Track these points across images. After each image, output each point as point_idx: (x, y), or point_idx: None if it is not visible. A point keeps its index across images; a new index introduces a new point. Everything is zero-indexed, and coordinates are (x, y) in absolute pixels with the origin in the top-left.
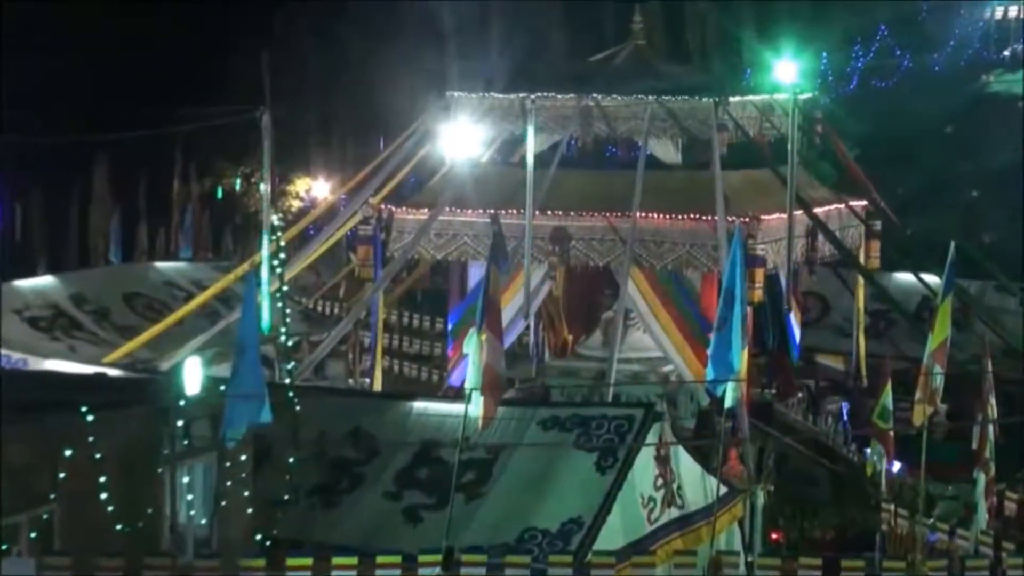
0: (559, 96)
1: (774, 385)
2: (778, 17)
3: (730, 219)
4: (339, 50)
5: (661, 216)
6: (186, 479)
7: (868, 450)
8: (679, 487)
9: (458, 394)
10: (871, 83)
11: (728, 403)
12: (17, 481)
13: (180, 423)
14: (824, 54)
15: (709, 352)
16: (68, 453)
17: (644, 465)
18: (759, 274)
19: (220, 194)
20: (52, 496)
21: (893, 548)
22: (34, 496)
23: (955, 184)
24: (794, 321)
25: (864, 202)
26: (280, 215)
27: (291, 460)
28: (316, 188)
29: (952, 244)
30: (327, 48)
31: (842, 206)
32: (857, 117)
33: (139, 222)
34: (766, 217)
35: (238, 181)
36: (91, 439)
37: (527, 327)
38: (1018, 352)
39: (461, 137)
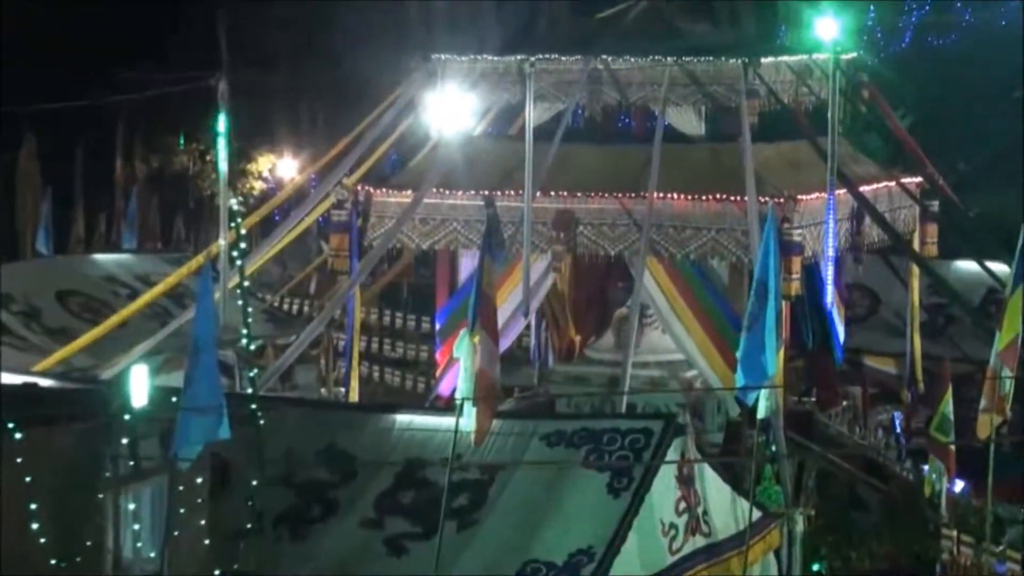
0: (563, 58)
1: (814, 392)
2: None
3: (762, 200)
4: (308, 6)
5: (682, 197)
6: (132, 506)
7: (926, 467)
8: (705, 512)
9: (448, 405)
10: (926, 40)
11: (761, 413)
12: None
13: (124, 441)
14: (871, 7)
15: (739, 354)
16: None
17: (664, 486)
18: (796, 263)
19: (169, 175)
20: None
21: None
22: None
23: None
24: (837, 318)
25: (919, 179)
26: (240, 199)
27: (254, 483)
28: (282, 167)
29: (1023, 226)
30: (294, 4)
31: (893, 183)
32: (910, 80)
33: (74, 207)
34: (804, 197)
35: (191, 160)
36: (20, 460)
37: (527, 327)
38: None
39: (450, 107)
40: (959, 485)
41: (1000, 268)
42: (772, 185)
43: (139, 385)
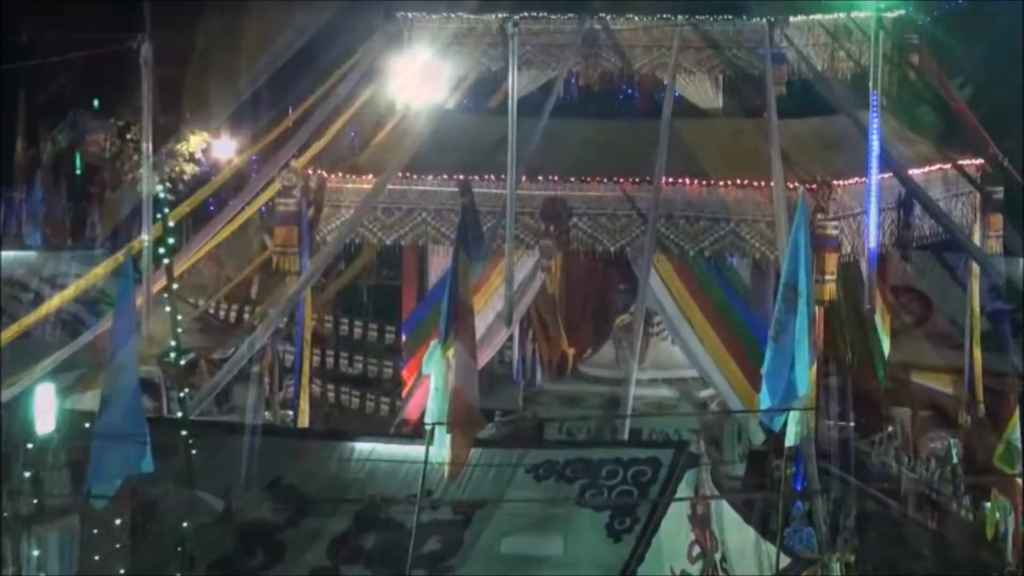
0: (553, 17)
1: (853, 416)
2: None
3: (791, 185)
4: None
5: (696, 182)
6: (36, 552)
7: (987, 504)
8: (723, 558)
9: (416, 431)
10: None
11: (790, 440)
12: None
13: (26, 475)
14: None
15: (763, 370)
16: None
17: (675, 528)
18: (831, 261)
19: (82, 158)
20: None
21: None
22: None
23: None
24: (881, 327)
25: (979, 160)
26: (167, 185)
27: (184, 525)
28: (217, 147)
29: None
30: None
31: (948, 166)
32: (969, 42)
33: None
34: (841, 182)
35: (107, 139)
36: None
37: (510, 338)
38: None
39: (418, 75)
40: None
41: None
42: (803, 168)
43: (45, 408)
